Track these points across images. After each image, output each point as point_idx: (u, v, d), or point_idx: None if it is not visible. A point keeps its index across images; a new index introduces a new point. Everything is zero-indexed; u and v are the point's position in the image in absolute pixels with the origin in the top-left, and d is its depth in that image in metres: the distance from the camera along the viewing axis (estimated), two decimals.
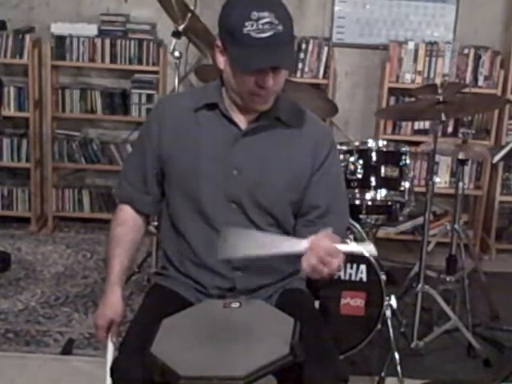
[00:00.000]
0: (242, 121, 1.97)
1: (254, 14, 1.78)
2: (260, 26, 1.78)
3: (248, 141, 1.97)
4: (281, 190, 1.97)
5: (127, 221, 2.07)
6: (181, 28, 3.31)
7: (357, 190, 3.12)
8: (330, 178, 2.03)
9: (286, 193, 1.98)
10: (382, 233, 4.16)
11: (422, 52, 4.33)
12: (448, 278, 3.40)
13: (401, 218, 3.33)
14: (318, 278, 1.77)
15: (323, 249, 1.71)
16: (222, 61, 1.92)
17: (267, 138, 1.98)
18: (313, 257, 1.72)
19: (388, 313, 2.94)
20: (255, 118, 1.97)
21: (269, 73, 1.84)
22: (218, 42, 1.90)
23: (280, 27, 1.79)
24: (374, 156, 3.16)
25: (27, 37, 4.31)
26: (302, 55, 4.35)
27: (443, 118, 3.09)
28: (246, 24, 1.78)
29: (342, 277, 2.87)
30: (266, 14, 1.78)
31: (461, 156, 3.34)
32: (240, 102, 1.94)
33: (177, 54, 3.35)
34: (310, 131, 2.02)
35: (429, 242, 3.34)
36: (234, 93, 1.93)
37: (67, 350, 3.09)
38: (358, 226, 3.09)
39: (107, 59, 4.38)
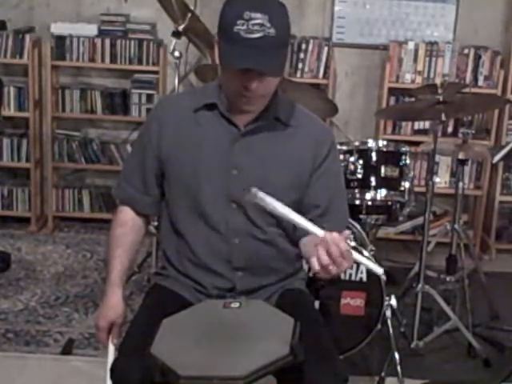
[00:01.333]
0: (241, 121, 1.97)
1: (247, 14, 1.77)
2: (250, 27, 1.77)
3: (248, 141, 1.97)
4: (281, 189, 1.97)
5: (127, 222, 2.07)
6: (181, 28, 3.31)
7: (357, 190, 3.12)
8: (330, 177, 2.03)
9: (286, 192, 1.98)
10: (382, 233, 4.16)
11: (421, 52, 4.33)
12: (448, 278, 3.40)
13: (401, 218, 3.33)
14: (324, 278, 1.76)
15: (337, 248, 1.68)
16: (218, 56, 1.92)
17: (267, 137, 1.98)
18: (325, 255, 1.69)
19: (388, 313, 2.93)
20: (254, 118, 1.97)
21: (254, 75, 1.82)
22: (217, 38, 1.91)
23: (272, 31, 1.77)
24: (374, 156, 3.16)
25: (27, 37, 4.31)
26: (302, 55, 4.35)
27: (443, 117, 3.09)
28: (238, 23, 1.77)
29: (342, 277, 2.86)
30: (258, 15, 1.77)
31: (461, 156, 3.34)
32: (228, 100, 1.93)
33: (177, 54, 3.35)
34: (309, 130, 2.02)
35: (429, 242, 3.34)
36: (224, 89, 1.93)
37: (67, 350, 3.09)
38: (358, 225, 3.09)
39: (107, 59, 4.38)
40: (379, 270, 1.77)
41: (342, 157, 3.11)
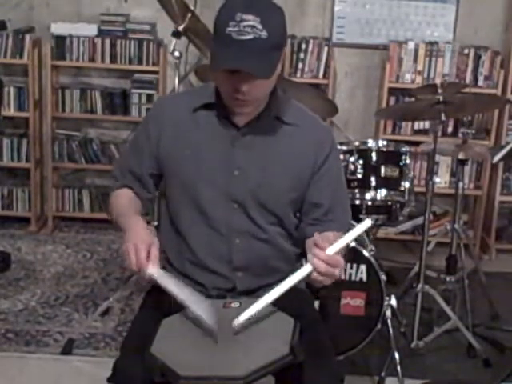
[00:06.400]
0: (240, 120, 1.96)
1: (239, 16, 1.75)
2: (241, 28, 1.75)
3: (248, 140, 1.96)
4: (282, 189, 1.97)
5: (127, 193, 2.04)
6: (181, 28, 3.31)
7: (357, 190, 3.12)
8: (331, 177, 2.03)
9: (287, 192, 1.98)
10: (382, 233, 4.16)
11: (422, 52, 4.33)
12: (448, 278, 3.40)
13: (401, 218, 3.33)
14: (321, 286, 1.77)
15: (324, 264, 1.68)
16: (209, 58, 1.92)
17: (267, 137, 1.98)
18: (315, 274, 1.71)
19: (388, 313, 2.94)
20: (254, 117, 1.96)
21: (243, 77, 1.79)
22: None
23: (264, 33, 1.75)
24: (374, 156, 3.16)
25: (27, 37, 4.31)
26: (302, 55, 4.35)
27: (443, 117, 3.09)
28: (230, 24, 1.76)
29: (342, 277, 2.86)
30: (250, 17, 1.75)
31: (461, 156, 3.34)
32: (224, 101, 1.92)
33: (177, 54, 3.34)
34: (310, 130, 2.02)
35: (429, 242, 3.33)
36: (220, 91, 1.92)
37: (67, 350, 3.09)
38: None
39: (107, 59, 4.38)
40: (367, 222, 1.73)
41: (342, 157, 3.10)
